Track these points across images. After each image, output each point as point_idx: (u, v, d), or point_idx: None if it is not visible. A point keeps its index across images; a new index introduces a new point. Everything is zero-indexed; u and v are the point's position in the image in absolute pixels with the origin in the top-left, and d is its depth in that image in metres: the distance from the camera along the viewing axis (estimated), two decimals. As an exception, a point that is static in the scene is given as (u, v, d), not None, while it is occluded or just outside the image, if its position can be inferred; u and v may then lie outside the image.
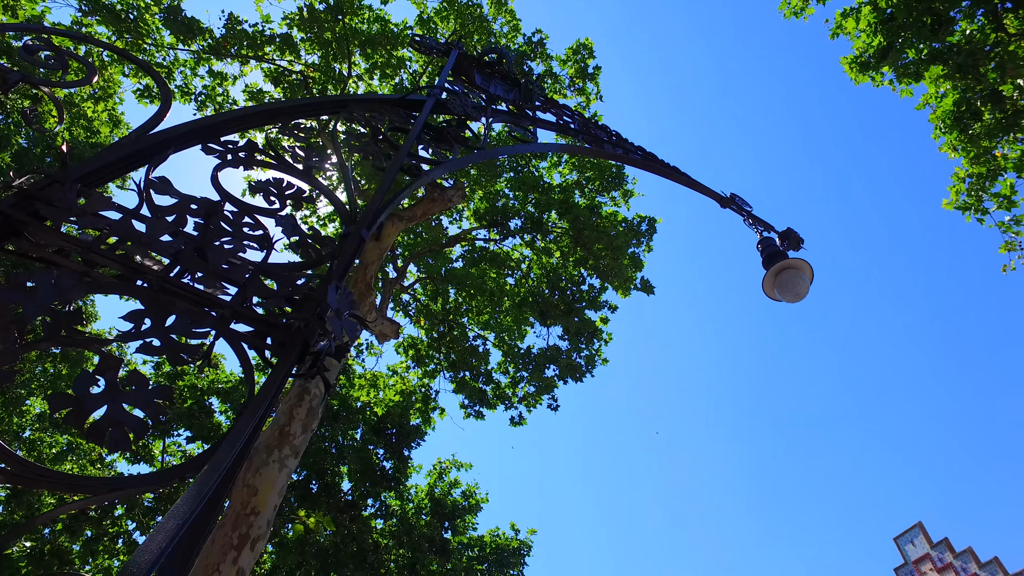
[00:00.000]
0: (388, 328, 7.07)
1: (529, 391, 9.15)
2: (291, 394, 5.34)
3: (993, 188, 6.65)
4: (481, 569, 13.55)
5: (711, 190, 6.36)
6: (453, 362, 9.30)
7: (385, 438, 11.34)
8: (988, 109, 6.22)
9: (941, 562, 43.35)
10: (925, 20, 6.15)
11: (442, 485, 13.05)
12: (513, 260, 8.61)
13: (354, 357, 11.05)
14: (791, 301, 6.02)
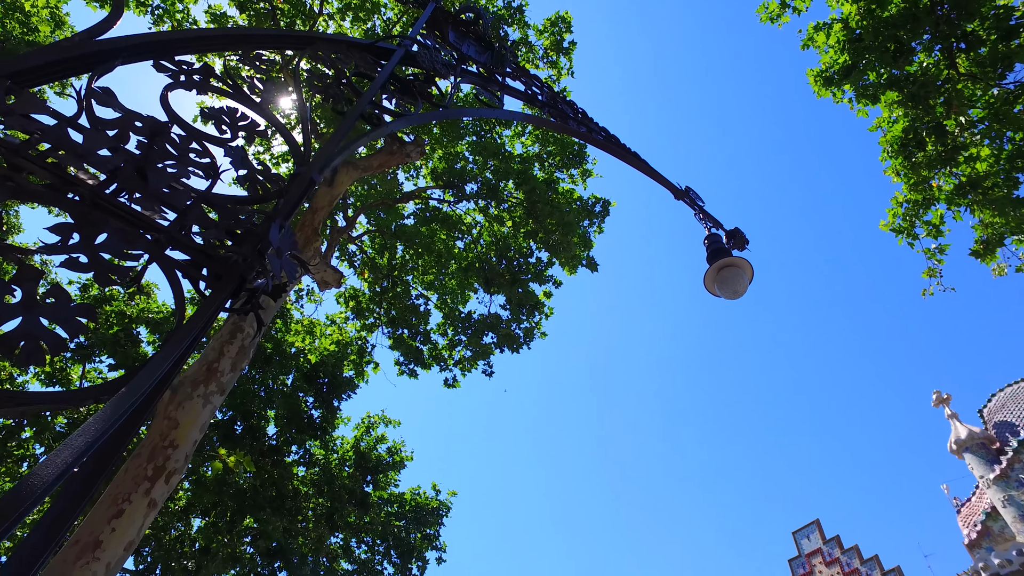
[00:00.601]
0: (330, 276, 6.95)
1: (466, 355, 9.22)
2: (223, 331, 5.22)
3: (925, 216, 7.02)
4: (399, 525, 13.72)
5: (667, 180, 6.49)
6: (393, 318, 9.25)
7: (316, 387, 11.24)
8: (932, 140, 6.52)
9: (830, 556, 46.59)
10: (889, 46, 6.37)
11: (368, 439, 13.07)
12: (465, 224, 8.57)
13: (293, 302, 10.84)
14: (729, 298, 6.25)
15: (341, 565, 14.52)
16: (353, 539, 14.31)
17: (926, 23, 6.37)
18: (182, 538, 13.82)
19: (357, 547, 14.49)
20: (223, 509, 13.17)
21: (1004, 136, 6.43)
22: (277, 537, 12.98)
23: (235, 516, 13.12)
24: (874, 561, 43.83)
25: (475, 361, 9.13)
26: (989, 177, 6.61)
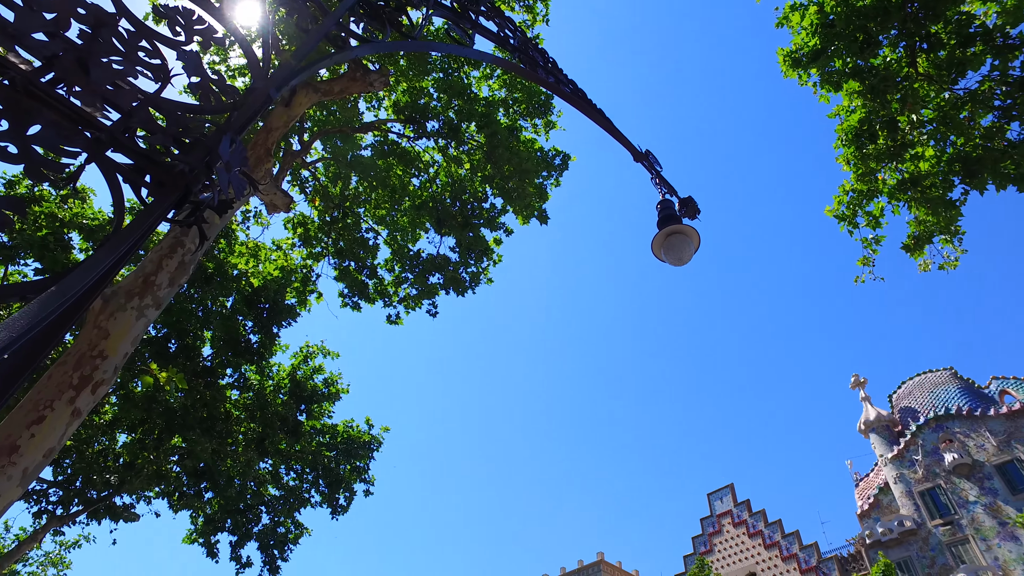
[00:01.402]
0: (280, 200, 6.75)
1: (411, 293, 9.19)
2: (163, 244, 5.04)
3: (868, 207, 7.31)
4: (329, 456, 13.85)
5: (629, 141, 6.53)
6: (340, 249, 9.10)
7: (256, 311, 11.04)
8: (884, 135, 6.75)
9: (739, 518, 49.77)
10: (858, 36, 6.48)
11: (306, 369, 13.01)
12: (423, 162, 8.42)
13: (239, 223, 10.51)
14: (674, 264, 6.43)
15: (269, 490, 14.64)
16: (283, 466, 14.40)
17: (895, 18, 6.49)
18: (106, 452, 13.61)
19: (286, 474, 14.60)
20: (151, 426, 12.99)
21: (948, 140, 6.71)
22: (205, 458, 12.94)
23: (163, 434, 12.96)
24: (777, 525, 47.19)
25: (420, 300, 9.12)
26: (929, 177, 6.92)
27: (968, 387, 42.28)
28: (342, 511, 13.59)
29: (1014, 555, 33.19)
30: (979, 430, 37.37)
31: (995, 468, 36.00)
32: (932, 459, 38.30)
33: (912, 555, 36.39)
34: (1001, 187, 6.42)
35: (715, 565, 44.68)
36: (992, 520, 34.67)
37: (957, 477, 36.67)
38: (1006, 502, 34.59)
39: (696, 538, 47.78)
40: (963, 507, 35.80)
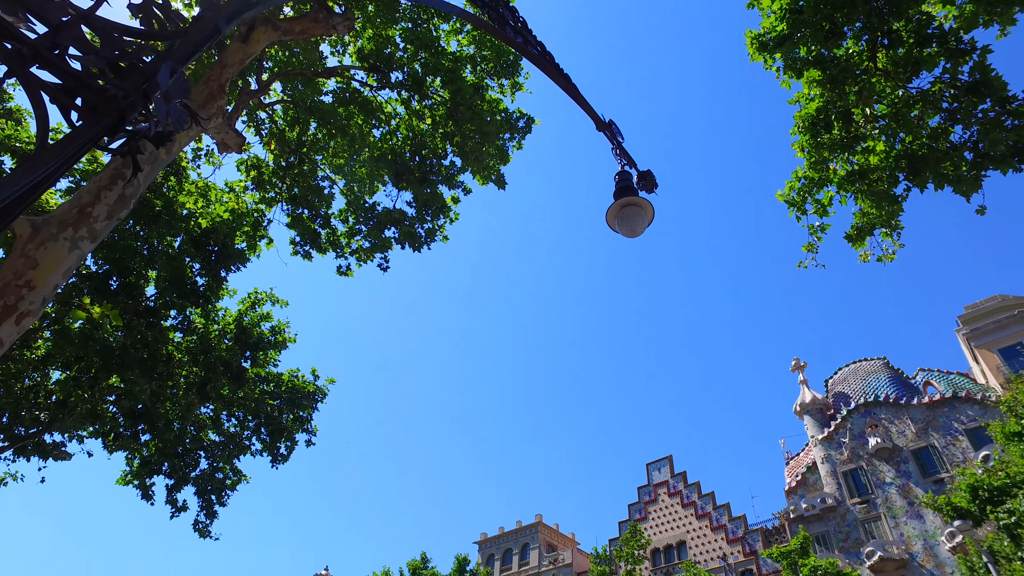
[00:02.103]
0: (232, 139, 6.52)
1: (364, 246, 9.07)
2: (103, 175, 4.84)
3: (817, 195, 7.53)
4: (272, 404, 13.75)
5: (593, 110, 6.53)
6: (294, 196, 8.88)
7: (204, 253, 10.74)
8: (838, 125, 6.92)
9: (674, 488, 51.52)
10: (824, 25, 6.58)
11: (253, 315, 12.79)
12: (384, 113, 8.22)
13: (189, 160, 10.12)
14: (627, 235, 6.53)
15: (209, 435, 14.48)
16: (224, 412, 14.24)
17: (861, 11, 6.61)
18: (37, 388, 13.19)
19: (227, 420, 14.45)
20: (87, 364, 12.61)
21: (897, 136, 6.93)
22: (144, 400, 12.67)
23: (100, 373, 12.61)
24: (709, 497, 49.07)
25: (372, 253, 9.01)
26: (877, 171, 7.15)
27: (897, 377, 44.55)
28: (283, 460, 13.58)
29: (917, 532, 35.60)
30: (902, 417, 39.54)
31: (911, 453, 38.28)
32: (858, 442, 40.44)
33: (830, 530, 38.63)
34: (939, 187, 6.70)
35: (648, 532, 46.54)
36: (903, 500, 37.01)
37: (878, 460, 38.88)
38: (917, 484, 36.92)
39: (632, 505, 49.58)
40: (879, 487, 38.07)
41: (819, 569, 32.00)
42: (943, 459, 36.43)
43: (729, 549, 42.67)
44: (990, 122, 6.45)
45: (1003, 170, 6.47)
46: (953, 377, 42.81)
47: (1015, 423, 18.66)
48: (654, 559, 45.80)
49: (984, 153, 6.51)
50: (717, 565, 42.30)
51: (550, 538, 55.51)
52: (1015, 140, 6.33)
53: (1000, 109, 6.43)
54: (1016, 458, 18.61)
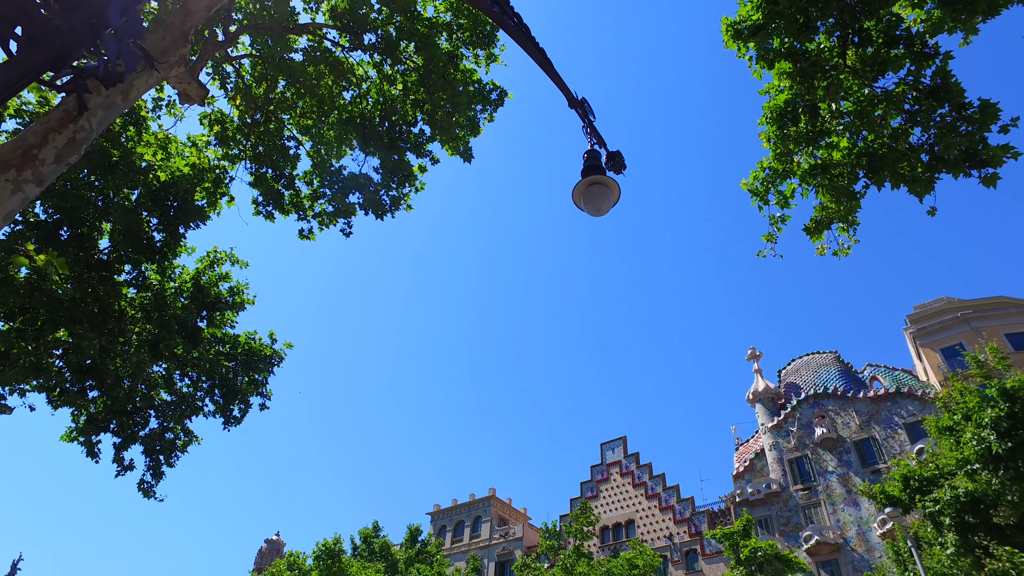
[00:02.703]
0: (195, 91, 6.31)
1: (327, 210, 8.91)
2: (52, 116, 4.64)
3: (780, 186, 7.68)
4: (228, 366, 13.54)
5: (566, 86, 6.51)
6: (259, 155, 8.65)
7: (162, 208, 10.42)
8: (805, 119, 7.05)
9: (626, 468, 52.65)
10: (798, 18, 6.65)
11: (211, 274, 12.50)
12: (355, 76, 8.04)
13: (150, 110, 9.76)
14: (592, 214, 6.57)
15: (160, 395, 14.21)
16: (177, 371, 13.97)
17: (835, 7, 6.70)
18: (-23, 337, 12.70)
19: (180, 380, 14.19)
20: (33, 316, 12.20)
21: (860, 134, 7.10)
22: (92, 355, 12.34)
23: (46, 325, 12.22)
24: (660, 478, 50.32)
25: (335, 218, 8.87)
26: (839, 166, 7.32)
27: (846, 370, 46.14)
28: (236, 422, 13.42)
29: (852, 518, 37.27)
30: (848, 410, 41.07)
31: (854, 444, 39.87)
32: (805, 431, 41.89)
33: (772, 514, 40.13)
34: (896, 186, 6.90)
35: (598, 509, 47.61)
36: (842, 488, 38.61)
37: (822, 449, 40.38)
38: (856, 473, 38.54)
39: (584, 483, 50.61)
40: (822, 475, 39.62)
41: (759, 551, 33.22)
42: (882, 451, 38.05)
43: (676, 529, 44.00)
44: (946, 127, 6.64)
45: (955, 174, 6.69)
46: (898, 373, 44.57)
47: (948, 419, 19.56)
48: (603, 536, 46.97)
49: (939, 156, 6.72)
50: (663, 544, 43.61)
51: (502, 512, 56.32)
52: (967, 146, 6.55)
53: (956, 115, 6.63)
54: (946, 451, 19.54)
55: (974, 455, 17.79)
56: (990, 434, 17.41)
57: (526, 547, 48.83)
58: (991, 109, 6.51)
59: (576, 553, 34.59)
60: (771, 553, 32.79)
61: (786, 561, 32.63)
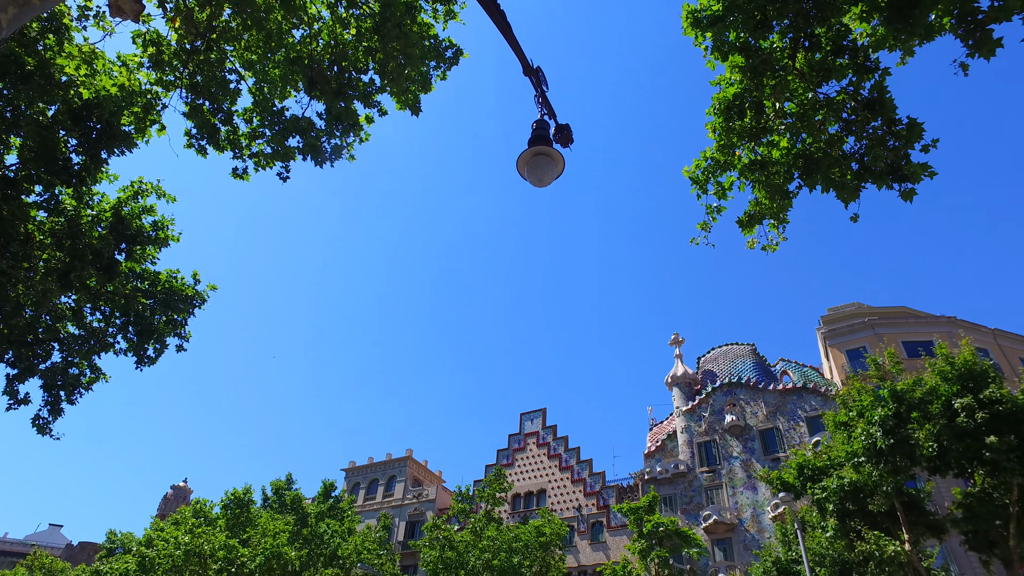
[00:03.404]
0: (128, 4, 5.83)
1: (265, 151, 8.51)
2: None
3: (720, 177, 7.93)
4: (145, 303, 12.89)
5: (523, 53, 6.44)
6: (196, 84, 8.13)
7: (83, 129, 9.69)
8: (751, 115, 7.27)
9: (543, 440, 53.91)
10: (755, 14, 6.80)
11: (134, 206, 11.78)
12: (308, 14, 7.66)
13: (74, 19, 8.98)
14: (535, 184, 6.59)
15: (67, 327, 13.41)
16: (88, 305, 13.20)
17: (792, 8, 6.89)
18: None
19: (91, 314, 13.43)
20: (-77, 230, 11.19)
21: (800, 136, 7.39)
22: (-8, 278, 11.47)
23: (-60, 241, 11.24)
24: (575, 452, 51.79)
25: (273, 160, 8.48)
26: (777, 165, 7.61)
27: (760, 363, 48.63)
28: (149, 363, 12.83)
29: (749, 501, 39.73)
30: (758, 400, 43.40)
31: (759, 432, 42.28)
32: (716, 418, 44.04)
33: (677, 493, 42.21)
34: (826, 190, 7.26)
35: (512, 477, 48.70)
36: (744, 473, 40.99)
37: (730, 435, 42.62)
38: (758, 460, 40.98)
39: (501, 451, 51.58)
40: (726, 460, 41.89)
41: (660, 526, 34.92)
42: (784, 440, 40.54)
43: (585, 501, 45.64)
44: (877, 139, 7.01)
45: (879, 185, 7.09)
46: (806, 370, 47.38)
47: (844, 415, 21.01)
48: (514, 503, 48.18)
49: (867, 166, 7.09)
50: (572, 515, 45.18)
51: (417, 473, 56.77)
52: (893, 160, 6.94)
53: (887, 129, 7.00)
54: (838, 444, 21.03)
55: (861, 449, 19.23)
56: (877, 431, 18.85)
57: (438, 509, 49.51)
58: (917, 128, 6.91)
59: (487, 517, 35.37)
60: (672, 529, 34.58)
61: (684, 537, 34.51)
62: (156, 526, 39.21)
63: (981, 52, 6.08)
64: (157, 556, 31.50)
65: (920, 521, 20.25)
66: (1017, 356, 41.89)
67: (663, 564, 34.27)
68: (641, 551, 34.55)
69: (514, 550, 32.20)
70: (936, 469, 18.97)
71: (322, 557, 37.59)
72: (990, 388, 18.01)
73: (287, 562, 34.38)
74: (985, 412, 17.35)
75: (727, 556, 37.59)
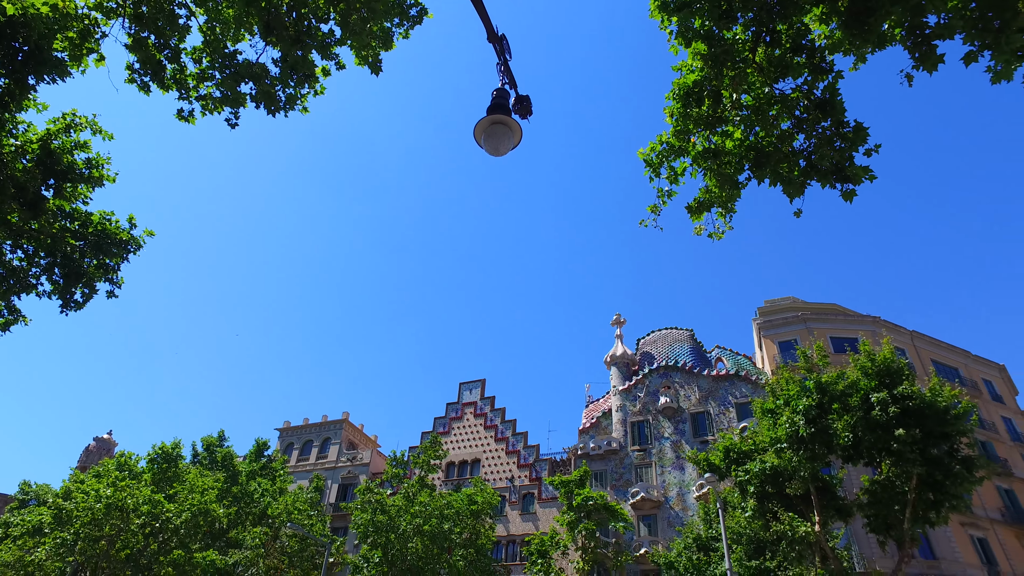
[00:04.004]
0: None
1: (214, 94, 8.09)
2: None
3: (674, 162, 8.05)
4: (74, 244, 12.22)
5: (489, 19, 6.33)
6: (141, 15, 7.62)
7: (8, 49, 8.97)
8: (708, 103, 7.39)
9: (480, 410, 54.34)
10: (721, 4, 6.86)
11: (65, 140, 11.06)
12: (268, -48, 7.27)
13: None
14: (490, 153, 6.53)
15: (-14, 264, 12.60)
16: (9, 242, 12.42)
17: (756, 2, 6.98)
18: None
19: (12, 252, 12.65)
20: None
21: (753, 129, 7.57)
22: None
23: None
24: (511, 424, 52.44)
25: (222, 105, 8.08)
26: (729, 155, 7.78)
27: (697, 348, 50.21)
28: (76, 307, 12.20)
29: (676, 480, 41.35)
30: (692, 384, 44.90)
31: (691, 415, 43.83)
32: (651, 399, 45.36)
33: (608, 469, 43.47)
34: (773, 183, 7.47)
35: (448, 445, 49.09)
36: (673, 453, 42.52)
37: (663, 417, 44.03)
38: (687, 442, 42.54)
39: (439, 419, 51.84)
40: (658, 440, 43.33)
41: (590, 500, 35.96)
42: (713, 424, 42.18)
43: (518, 472, 46.49)
44: (825, 139, 7.24)
45: (823, 183, 7.35)
46: (740, 358, 49.22)
47: (771, 402, 21.99)
48: (448, 471, 48.66)
49: (813, 164, 7.32)
50: (504, 485, 45.98)
51: (353, 436, 56.49)
52: (838, 160, 7.19)
53: (835, 131, 7.24)
54: (764, 430, 22.04)
55: (785, 435, 20.23)
56: (800, 419, 19.85)
57: (372, 474, 49.53)
58: (862, 132, 7.17)
59: (420, 483, 35.64)
60: (601, 503, 35.69)
61: (612, 511, 35.68)
62: (76, 478, 37.87)
63: (925, 65, 6.34)
64: (75, 509, 30.41)
65: (830, 505, 21.54)
66: (929, 357, 44.69)
67: (590, 536, 35.42)
68: (570, 523, 35.59)
69: (445, 516, 32.62)
70: (849, 458, 20.17)
71: (251, 516, 37.17)
72: (903, 385, 19.20)
73: (215, 519, 33.87)
74: (897, 407, 18.51)
75: (652, 531, 39.12)
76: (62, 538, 30.24)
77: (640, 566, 37.73)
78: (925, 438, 18.57)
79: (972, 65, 6.52)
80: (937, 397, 19.08)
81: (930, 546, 33.42)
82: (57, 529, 30.94)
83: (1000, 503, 37.65)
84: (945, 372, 43.95)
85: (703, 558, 27.29)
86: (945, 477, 18.63)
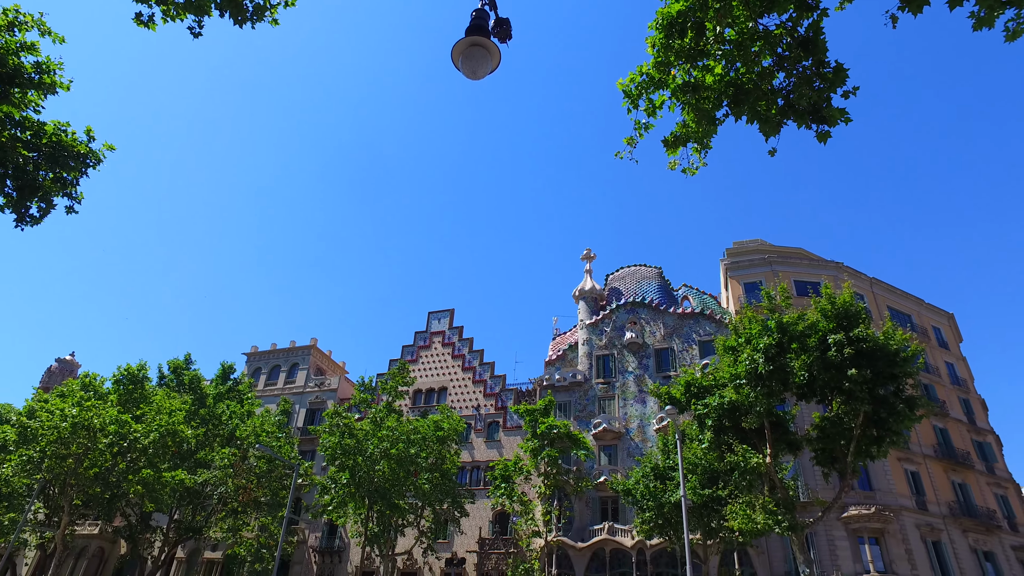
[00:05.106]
0: None
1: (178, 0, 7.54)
2: None
3: (653, 95, 7.93)
4: (26, 155, 11.64)
5: (470, -70, 6.01)
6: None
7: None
8: (691, 35, 7.24)
9: (448, 340, 54.77)
10: (711, -71, 6.61)
11: (9, 39, 10.35)
12: None
13: None
14: (467, 76, 6.35)
15: (-68, 173, 11.96)
16: (-43, 150, 11.76)
17: (747, -71, 6.74)
18: None
19: (-39, 161, 12.01)
20: None
21: (735, 65, 7.46)
22: None
23: None
24: (478, 354, 53.10)
25: (185, 11, 7.58)
26: (708, 90, 7.69)
27: (664, 286, 51.03)
28: (32, 222, 11.74)
29: (637, 413, 42.87)
30: (657, 321, 45.89)
31: (655, 351, 45.01)
32: (617, 333, 46.31)
33: (573, 400, 44.73)
34: (750, 121, 7.45)
35: (416, 373, 49.83)
36: (636, 387, 43.87)
37: (628, 352, 45.12)
38: (651, 376, 43.86)
39: (407, 347, 52.36)
40: (622, 374, 44.56)
41: (554, 428, 37.13)
42: (676, 360, 43.45)
43: (484, 401, 47.61)
44: (804, 78, 7.19)
45: (799, 123, 7.35)
46: (706, 297, 50.26)
47: (733, 340, 22.67)
48: (415, 398, 49.60)
49: (791, 104, 7.30)
50: (470, 413, 47.14)
51: (321, 362, 56.85)
52: (815, 101, 7.17)
53: (815, 71, 7.18)
54: (724, 367, 22.81)
55: (744, 372, 20.99)
56: (760, 357, 20.57)
57: (340, 399, 50.20)
58: (842, 73, 7.13)
59: (387, 409, 36.31)
60: (564, 432, 36.94)
61: (575, 440, 37.01)
62: (39, 397, 37.54)
63: (911, 7, 6.27)
64: (41, 427, 30.29)
65: (782, 439, 22.67)
66: (886, 303, 46.30)
67: (552, 463, 36.84)
68: (533, 450, 36.89)
69: (412, 441, 33.47)
70: (804, 395, 21.11)
71: (219, 437, 37.60)
72: (859, 327, 19.94)
73: (183, 440, 34.18)
74: (851, 348, 19.28)
75: (612, 461, 40.80)
76: (28, 455, 30.25)
77: (599, 493, 39.55)
78: (875, 378, 19.47)
79: (956, 10, 6.47)
80: (889, 340, 19.89)
81: (868, 478, 35.66)
82: (23, 447, 30.90)
83: (934, 440, 40.13)
84: (899, 318, 45.69)
85: (659, 486, 28.68)
86: (889, 415, 19.69)
